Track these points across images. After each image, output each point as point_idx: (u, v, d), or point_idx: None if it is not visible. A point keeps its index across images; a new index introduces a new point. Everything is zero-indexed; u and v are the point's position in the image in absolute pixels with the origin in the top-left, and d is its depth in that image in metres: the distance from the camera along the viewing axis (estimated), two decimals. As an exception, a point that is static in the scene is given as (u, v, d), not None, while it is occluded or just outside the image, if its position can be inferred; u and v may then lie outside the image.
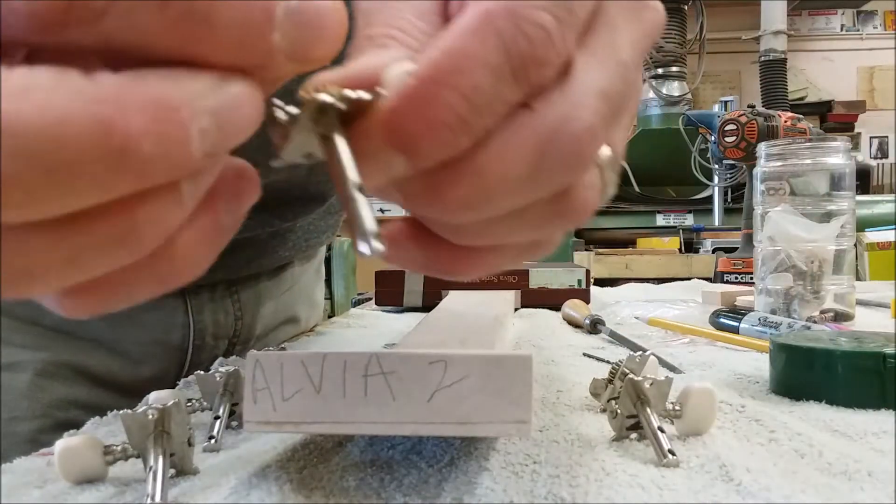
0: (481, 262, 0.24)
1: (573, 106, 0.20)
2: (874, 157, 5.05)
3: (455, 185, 0.20)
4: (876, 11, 5.19)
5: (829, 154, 0.66)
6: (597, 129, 0.20)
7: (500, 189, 0.20)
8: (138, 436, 0.26)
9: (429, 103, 0.19)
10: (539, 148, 0.20)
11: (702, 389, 0.31)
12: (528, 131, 0.20)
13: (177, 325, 0.58)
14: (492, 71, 0.19)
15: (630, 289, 1.09)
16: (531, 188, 0.21)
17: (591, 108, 0.20)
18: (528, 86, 0.20)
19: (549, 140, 0.20)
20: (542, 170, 0.20)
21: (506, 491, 0.25)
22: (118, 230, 0.16)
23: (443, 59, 0.19)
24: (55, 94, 0.14)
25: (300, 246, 0.66)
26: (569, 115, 0.20)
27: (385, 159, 0.19)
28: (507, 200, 0.21)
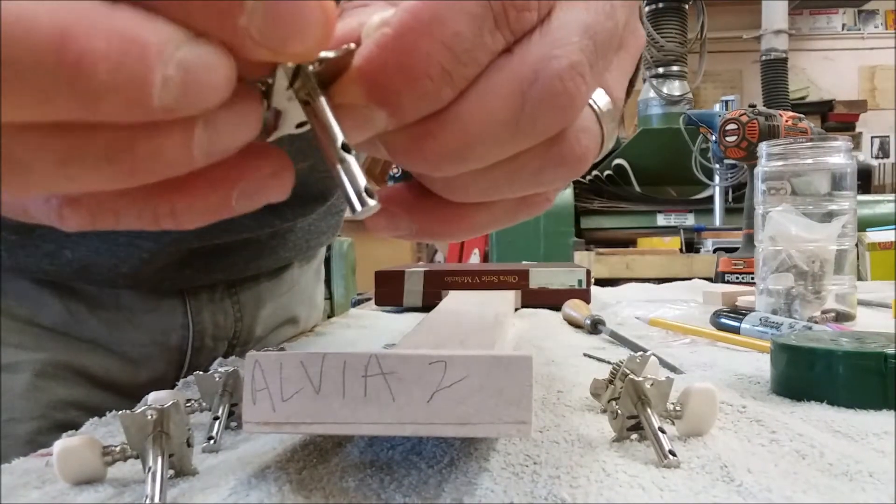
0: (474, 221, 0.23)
1: (553, 44, 0.19)
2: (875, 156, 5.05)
3: (436, 136, 0.20)
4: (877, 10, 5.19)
5: (831, 154, 0.66)
6: (581, 66, 0.20)
7: (483, 137, 0.20)
8: (137, 436, 0.26)
9: (408, 53, 0.18)
10: (520, 90, 0.19)
11: (703, 390, 0.30)
12: (508, 75, 0.19)
13: (176, 326, 0.58)
14: (473, 17, 0.18)
15: (631, 289, 1.09)
16: (518, 134, 0.20)
17: (573, 44, 0.20)
18: (510, 31, 0.19)
19: (530, 81, 0.19)
20: (525, 113, 0.19)
21: (506, 492, 0.25)
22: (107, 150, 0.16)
23: (420, 8, 0.18)
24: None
25: (301, 247, 0.66)
26: (549, 54, 0.19)
27: (366, 114, 0.19)
28: (494, 149, 0.20)
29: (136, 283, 0.55)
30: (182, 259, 0.55)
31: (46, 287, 0.53)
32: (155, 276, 0.54)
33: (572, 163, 0.22)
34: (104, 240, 0.52)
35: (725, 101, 2.99)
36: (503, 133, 0.20)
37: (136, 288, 0.56)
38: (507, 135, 0.20)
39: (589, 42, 0.20)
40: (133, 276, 0.53)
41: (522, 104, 0.19)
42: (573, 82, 0.19)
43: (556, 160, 0.21)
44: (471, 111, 0.19)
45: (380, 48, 0.18)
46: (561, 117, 0.20)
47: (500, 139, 0.20)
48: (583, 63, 0.20)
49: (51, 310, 0.53)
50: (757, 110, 1.10)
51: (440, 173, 0.21)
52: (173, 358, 0.59)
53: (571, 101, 0.20)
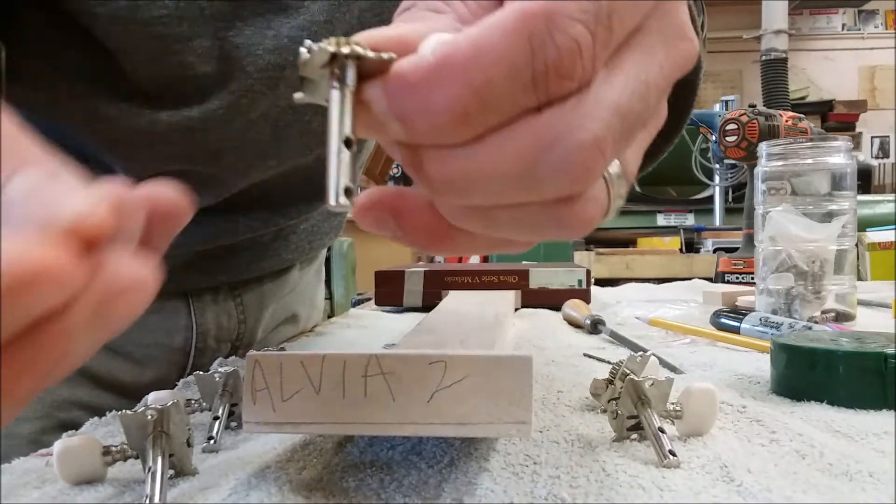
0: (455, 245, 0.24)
1: (583, 117, 0.20)
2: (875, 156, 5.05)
3: (444, 164, 0.20)
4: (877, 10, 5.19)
5: (831, 154, 0.66)
6: (604, 143, 0.20)
7: (489, 182, 0.20)
8: (137, 436, 0.26)
9: (436, 86, 0.19)
10: (538, 151, 0.19)
11: (703, 390, 0.30)
12: (531, 132, 0.20)
13: (179, 327, 0.58)
14: (511, 73, 0.19)
15: (631, 289, 1.09)
16: (524, 190, 0.20)
17: (602, 121, 0.20)
18: (545, 94, 0.19)
19: (550, 146, 0.19)
20: (537, 174, 0.20)
21: (506, 492, 0.25)
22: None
23: (465, 47, 0.19)
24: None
25: (303, 248, 0.66)
26: (576, 125, 0.19)
27: (382, 120, 0.20)
28: (496, 195, 0.20)
29: None
30: (187, 261, 0.55)
31: None
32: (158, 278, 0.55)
33: (574, 227, 0.22)
34: None
35: (725, 101, 2.99)
36: (509, 185, 0.20)
37: None
38: (512, 187, 0.20)
39: (618, 122, 0.20)
40: None
41: (536, 165, 0.20)
42: (592, 158, 0.20)
43: (560, 221, 0.22)
44: (484, 154, 0.20)
45: (415, 69, 0.19)
46: (570, 187, 0.20)
47: (505, 189, 0.20)
48: (606, 140, 0.20)
49: None
50: (757, 110, 1.10)
51: (439, 198, 0.21)
52: (177, 359, 0.59)
53: (585, 174, 0.20)
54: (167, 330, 0.58)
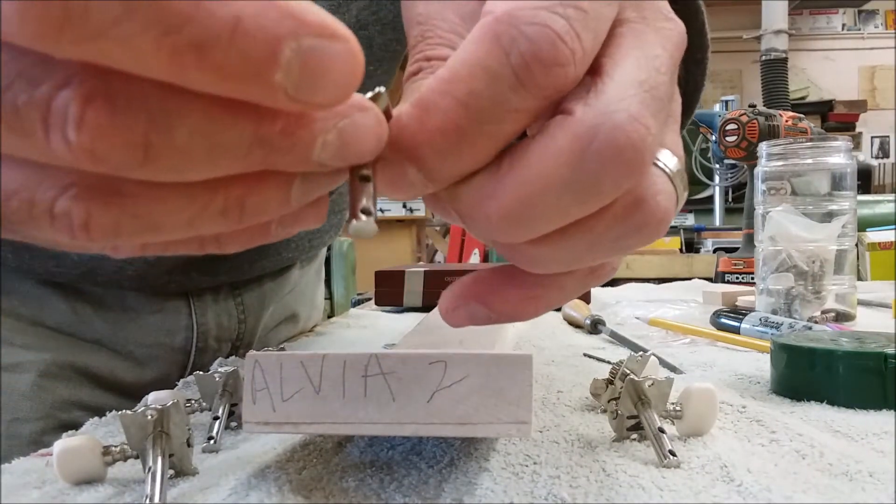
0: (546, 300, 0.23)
1: (610, 100, 0.19)
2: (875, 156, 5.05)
3: (495, 196, 0.19)
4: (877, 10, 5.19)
5: (831, 154, 0.66)
6: (644, 117, 0.19)
7: (543, 197, 0.19)
8: (137, 436, 0.26)
9: (426, 111, 0.19)
10: (579, 148, 0.19)
11: (702, 390, 0.30)
12: (565, 133, 0.19)
13: (180, 327, 0.58)
14: (490, 75, 0.18)
15: (631, 289, 1.09)
16: (581, 193, 0.19)
17: (631, 97, 0.19)
18: (542, 89, 0.19)
19: (590, 138, 0.19)
20: (586, 171, 0.19)
21: (506, 492, 0.25)
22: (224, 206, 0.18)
23: (444, 70, 0.19)
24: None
25: (303, 247, 0.66)
26: (608, 110, 0.19)
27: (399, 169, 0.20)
28: (556, 210, 0.19)
29: (142, 285, 0.55)
30: (188, 261, 0.55)
31: (51, 287, 0.53)
32: (160, 278, 0.55)
33: (653, 226, 0.21)
34: None
35: (725, 101, 2.99)
36: (564, 193, 0.19)
37: (142, 289, 0.56)
38: (568, 195, 0.19)
39: (647, 95, 0.19)
40: (138, 278, 0.54)
41: (582, 162, 0.19)
42: (637, 133, 0.19)
43: (638, 225, 0.21)
44: (527, 170, 0.19)
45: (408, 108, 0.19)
46: (627, 172, 0.19)
47: (562, 199, 0.19)
48: (644, 114, 0.19)
49: (56, 310, 0.54)
50: (757, 110, 1.10)
51: (507, 238, 0.21)
52: (177, 359, 0.59)
53: (637, 153, 0.19)
54: (168, 330, 0.58)
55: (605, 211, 0.20)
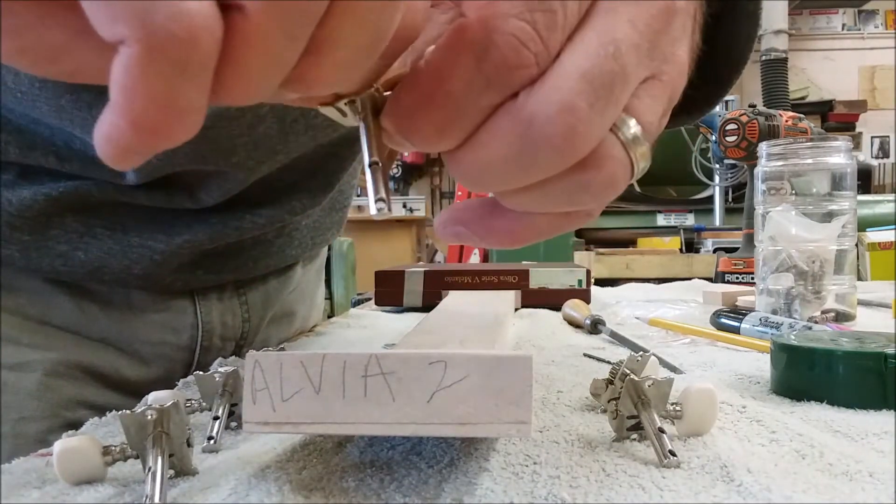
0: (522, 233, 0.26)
1: (549, 89, 0.21)
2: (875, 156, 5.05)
3: (458, 164, 0.23)
4: (877, 10, 5.19)
5: (831, 154, 0.66)
6: (576, 109, 0.21)
7: (492, 169, 0.23)
8: (137, 436, 0.26)
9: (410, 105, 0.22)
10: (519, 133, 0.22)
11: (702, 390, 0.30)
12: (509, 118, 0.22)
13: (186, 325, 0.58)
14: (464, 81, 0.21)
15: (631, 289, 1.09)
16: (523, 169, 0.22)
17: (567, 88, 0.21)
18: (507, 87, 0.22)
19: (527, 124, 0.21)
20: (525, 152, 0.22)
21: (506, 492, 0.25)
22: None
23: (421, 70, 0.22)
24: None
25: (306, 244, 0.66)
26: (544, 99, 0.21)
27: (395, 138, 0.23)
28: (506, 179, 0.23)
29: (148, 284, 0.55)
30: (193, 260, 0.55)
31: (58, 286, 0.54)
32: (166, 276, 0.55)
33: (599, 188, 0.24)
34: (117, 241, 0.52)
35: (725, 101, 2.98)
36: (509, 168, 0.22)
37: (148, 288, 0.56)
38: (512, 170, 0.22)
39: (586, 85, 0.21)
40: (145, 276, 0.54)
41: (521, 145, 0.22)
42: (564, 123, 0.21)
43: (582, 186, 0.24)
44: (479, 147, 0.23)
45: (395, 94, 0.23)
46: (559, 156, 0.22)
47: (508, 172, 0.23)
48: (575, 104, 0.21)
49: (62, 309, 0.54)
50: (757, 110, 1.10)
51: (475, 190, 0.25)
52: (183, 357, 0.59)
53: (567, 141, 0.22)
54: (174, 328, 0.58)
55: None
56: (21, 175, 0.50)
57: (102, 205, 0.52)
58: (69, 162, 0.49)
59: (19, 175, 0.50)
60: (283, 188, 0.57)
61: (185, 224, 0.53)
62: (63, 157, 0.49)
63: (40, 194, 0.49)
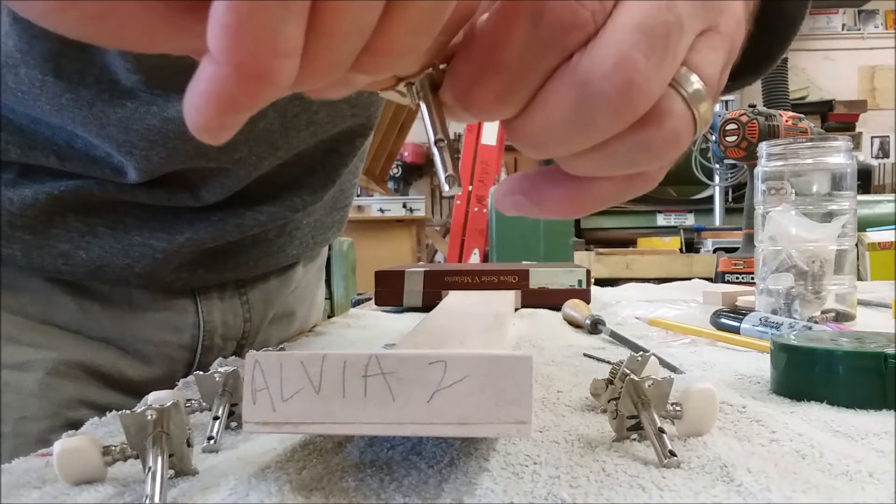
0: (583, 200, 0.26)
1: (604, 45, 0.21)
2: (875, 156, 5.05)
3: (519, 130, 0.23)
4: (877, 10, 5.19)
5: (831, 154, 0.66)
6: (633, 62, 0.21)
7: (552, 133, 0.22)
8: (137, 436, 0.26)
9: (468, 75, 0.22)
10: (575, 93, 0.21)
11: (702, 390, 0.30)
12: (565, 80, 0.22)
13: (187, 325, 0.58)
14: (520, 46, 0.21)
15: (631, 289, 1.09)
16: (583, 130, 0.22)
17: (622, 41, 0.21)
18: (565, 48, 0.21)
19: (583, 84, 0.21)
20: (583, 113, 0.21)
21: (506, 492, 0.25)
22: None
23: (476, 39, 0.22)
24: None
25: (307, 243, 0.66)
26: (599, 55, 0.21)
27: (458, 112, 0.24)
28: (566, 142, 0.23)
29: (149, 283, 0.55)
30: (194, 259, 0.55)
31: (59, 285, 0.54)
32: (168, 275, 0.55)
33: (662, 146, 0.23)
34: (118, 240, 0.52)
35: (725, 101, 2.98)
36: (569, 131, 0.22)
37: (149, 287, 0.56)
38: (573, 132, 0.22)
39: (641, 37, 0.21)
40: (146, 275, 0.54)
41: (580, 106, 0.22)
42: (623, 79, 0.21)
43: (644, 145, 0.23)
44: (538, 113, 0.22)
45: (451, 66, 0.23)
46: (618, 113, 0.22)
47: (569, 136, 0.22)
48: (633, 59, 0.21)
49: (64, 308, 0.54)
50: (757, 110, 1.10)
51: (537, 156, 0.25)
52: (184, 357, 0.59)
53: (625, 97, 0.21)
54: (175, 327, 0.58)
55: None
56: (22, 174, 0.50)
57: (104, 204, 0.52)
58: (70, 161, 0.49)
59: (20, 174, 0.50)
60: (283, 185, 0.57)
61: (186, 222, 0.53)
62: (64, 156, 0.49)
63: (41, 193, 0.49)
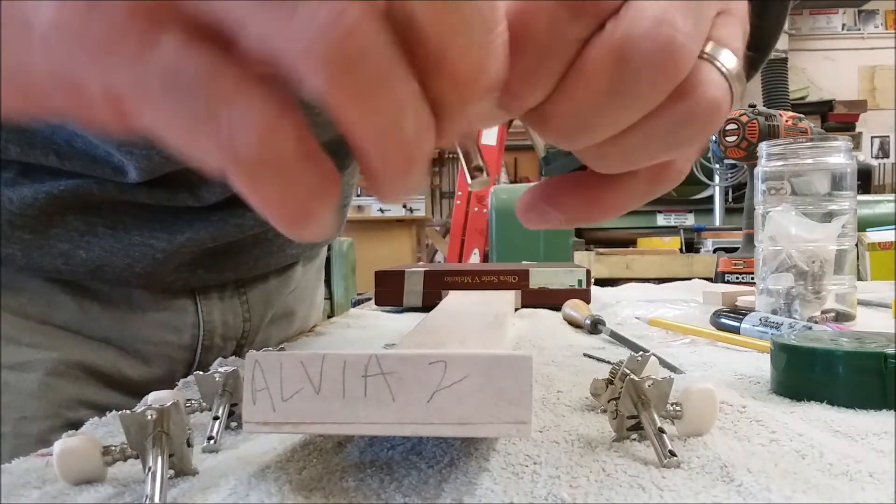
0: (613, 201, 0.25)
1: (640, 8, 0.20)
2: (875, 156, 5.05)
3: (551, 118, 0.22)
4: (877, 10, 5.19)
5: (831, 154, 0.66)
6: (670, 18, 0.20)
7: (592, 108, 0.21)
8: (137, 436, 0.26)
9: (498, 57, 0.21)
10: (614, 59, 0.20)
11: (702, 390, 0.30)
12: (600, 49, 0.21)
13: (187, 325, 0.58)
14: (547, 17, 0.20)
15: (631, 289, 1.09)
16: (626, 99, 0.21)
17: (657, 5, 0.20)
18: (595, 18, 0.21)
19: (622, 46, 0.20)
20: (626, 79, 0.21)
21: (506, 492, 0.25)
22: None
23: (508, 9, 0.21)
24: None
25: (307, 243, 0.66)
26: (634, 18, 0.20)
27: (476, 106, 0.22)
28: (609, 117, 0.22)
29: (149, 283, 0.55)
30: (195, 259, 0.55)
31: (59, 285, 0.54)
32: (168, 275, 0.55)
33: (703, 116, 0.22)
34: (118, 240, 0.52)
35: (725, 101, 2.98)
36: (609, 104, 0.21)
37: (149, 287, 0.56)
38: (613, 105, 0.21)
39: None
40: (146, 275, 0.54)
41: (619, 72, 0.20)
42: (663, 35, 0.20)
43: (686, 116, 0.22)
44: (572, 91, 0.21)
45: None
46: (661, 74, 0.21)
47: (609, 110, 0.21)
48: (672, 17, 0.20)
49: (63, 308, 0.54)
50: (757, 110, 1.10)
51: (574, 146, 0.23)
52: (184, 357, 0.59)
53: (667, 54, 0.20)
54: (175, 327, 0.58)
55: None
56: (22, 173, 0.50)
57: (103, 203, 0.52)
58: (70, 160, 0.49)
59: (20, 173, 0.50)
60: None
61: (186, 222, 0.53)
62: (63, 155, 0.49)
63: (41, 193, 0.49)
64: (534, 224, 0.26)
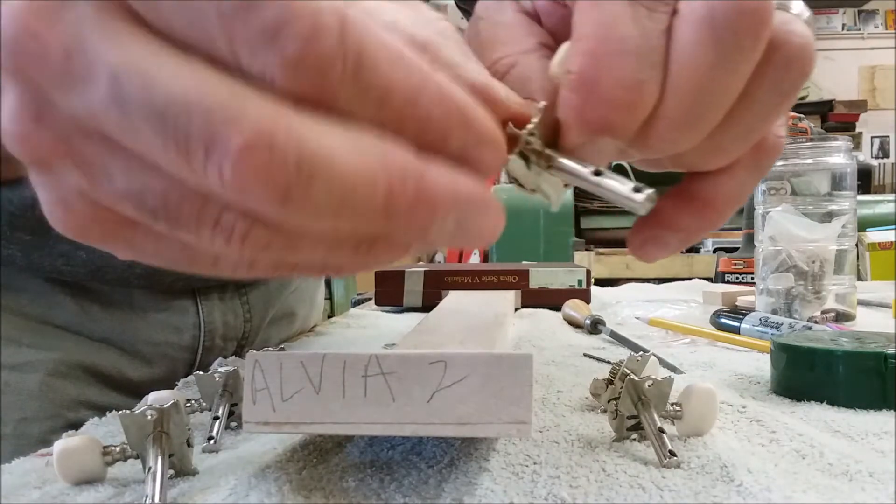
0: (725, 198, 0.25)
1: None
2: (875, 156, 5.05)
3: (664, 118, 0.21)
4: (877, 10, 5.18)
5: (831, 154, 0.66)
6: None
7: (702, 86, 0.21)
8: (137, 436, 0.26)
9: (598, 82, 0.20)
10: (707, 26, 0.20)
11: (702, 390, 0.30)
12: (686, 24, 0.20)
13: (188, 325, 0.58)
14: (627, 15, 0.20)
15: (630, 289, 1.09)
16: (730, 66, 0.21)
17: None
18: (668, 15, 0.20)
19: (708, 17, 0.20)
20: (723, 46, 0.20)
21: (506, 492, 0.25)
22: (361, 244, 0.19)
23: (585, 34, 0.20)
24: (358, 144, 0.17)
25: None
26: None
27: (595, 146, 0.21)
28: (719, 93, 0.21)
29: (150, 283, 0.55)
30: None
31: (59, 286, 0.53)
32: (168, 276, 0.55)
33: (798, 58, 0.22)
34: None
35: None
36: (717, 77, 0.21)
37: (149, 288, 0.56)
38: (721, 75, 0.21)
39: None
40: (146, 276, 0.54)
41: (715, 42, 0.20)
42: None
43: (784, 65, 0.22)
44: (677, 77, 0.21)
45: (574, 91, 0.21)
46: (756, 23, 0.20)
47: (719, 83, 0.21)
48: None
49: (64, 309, 0.54)
50: (757, 110, 1.10)
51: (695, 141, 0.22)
52: (185, 357, 0.59)
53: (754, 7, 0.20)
54: (176, 327, 0.58)
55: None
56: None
57: None
58: None
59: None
60: None
61: None
62: None
63: None
64: (654, 256, 0.25)
